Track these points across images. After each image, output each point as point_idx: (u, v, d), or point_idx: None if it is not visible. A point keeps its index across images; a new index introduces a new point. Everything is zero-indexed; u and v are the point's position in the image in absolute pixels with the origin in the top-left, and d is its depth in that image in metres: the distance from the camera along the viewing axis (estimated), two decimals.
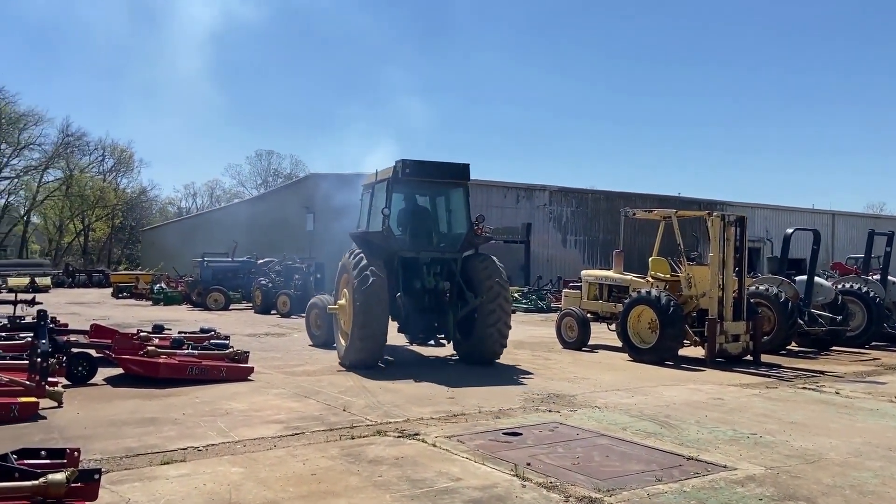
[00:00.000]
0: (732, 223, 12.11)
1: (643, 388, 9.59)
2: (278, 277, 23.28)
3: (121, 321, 18.91)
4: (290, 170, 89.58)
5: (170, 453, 6.08)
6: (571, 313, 14.07)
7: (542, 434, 6.89)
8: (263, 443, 6.50)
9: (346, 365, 10.98)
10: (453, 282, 11.62)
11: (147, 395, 8.64)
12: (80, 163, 75.20)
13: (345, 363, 11.08)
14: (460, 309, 11.59)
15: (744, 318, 12.13)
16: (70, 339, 10.14)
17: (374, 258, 10.92)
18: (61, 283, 40.94)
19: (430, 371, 10.93)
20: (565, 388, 9.53)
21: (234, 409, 7.90)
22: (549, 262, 39.83)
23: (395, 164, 11.52)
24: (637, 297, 12.30)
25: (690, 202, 41.55)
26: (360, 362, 10.77)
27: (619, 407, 8.28)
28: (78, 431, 6.83)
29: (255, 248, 36.08)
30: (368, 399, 8.58)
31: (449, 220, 12.32)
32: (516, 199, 39.38)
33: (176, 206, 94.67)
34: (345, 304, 11.50)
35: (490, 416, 7.74)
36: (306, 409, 7.95)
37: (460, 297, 11.65)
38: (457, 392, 9.12)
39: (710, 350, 11.64)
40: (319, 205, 42.15)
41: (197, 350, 10.21)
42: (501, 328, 11.30)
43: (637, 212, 14.07)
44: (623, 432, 7.01)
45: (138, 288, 30.04)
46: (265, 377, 10.11)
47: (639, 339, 12.34)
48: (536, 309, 24.94)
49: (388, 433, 6.88)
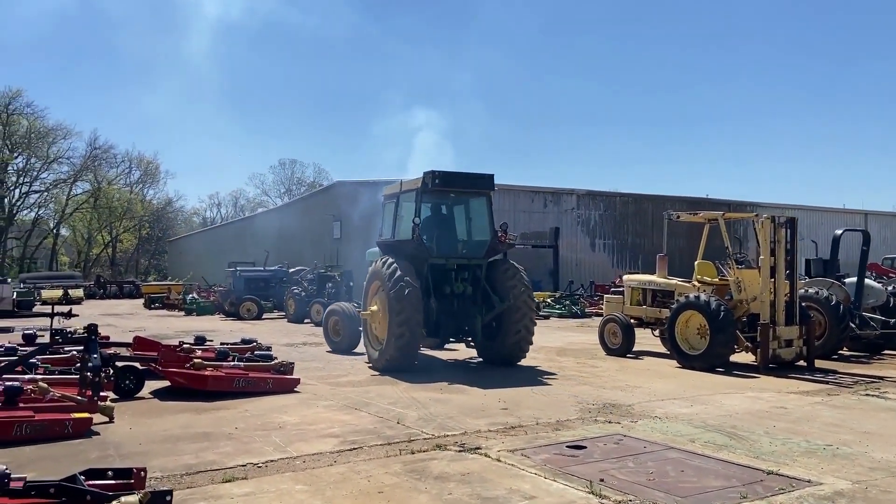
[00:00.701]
0: (783, 225, 11.78)
1: (700, 397, 9.30)
2: (311, 286, 23.21)
3: (157, 332, 18.93)
4: (314, 178, 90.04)
5: (230, 470, 5.93)
6: (615, 319, 13.78)
7: (608, 447, 6.65)
8: (323, 458, 6.34)
9: (380, 368, 11.52)
10: (478, 287, 12.19)
11: (197, 409, 8.53)
12: (107, 175, 76.07)
13: (378, 367, 11.62)
14: (487, 313, 12.15)
15: (796, 322, 11.78)
16: (114, 352, 10.07)
17: (407, 266, 11.41)
18: (93, 295, 41.29)
19: (470, 376, 10.98)
20: (619, 398, 9.28)
21: (286, 423, 7.76)
22: (577, 267, 39.45)
23: (424, 174, 12.03)
24: (685, 301, 11.99)
25: (720, 203, 40.88)
26: (397, 365, 11.30)
27: (681, 417, 8.01)
28: (133, 448, 6.72)
29: (282, 256, 36.12)
30: (420, 411, 8.40)
31: (473, 228, 12.86)
32: (544, 203, 39.08)
33: (200, 216, 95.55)
34: (376, 311, 11.88)
35: (549, 427, 7.52)
36: (360, 422, 7.78)
37: (486, 301, 12.20)
38: (510, 402, 8.91)
39: (763, 356, 11.30)
40: (346, 212, 42.29)
41: (242, 362, 10.10)
42: (527, 331, 11.97)
43: (681, 214, 13.72)
44: (692, 444, 6.75)
45: (170, 298, 30.13)
46: (311, 388, 9.98)
47: (687, 346, 12.03)
48: (570, 314, 24.60)
49: (448, 447, 6.68)
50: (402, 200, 12.54)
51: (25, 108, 65.20)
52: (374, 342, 12.06)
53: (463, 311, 12.23)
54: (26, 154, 66.94)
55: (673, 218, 13.61)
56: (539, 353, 14.10)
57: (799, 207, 45.25)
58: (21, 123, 65.50)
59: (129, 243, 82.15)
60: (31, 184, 69.26)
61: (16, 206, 69.21)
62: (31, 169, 68.64)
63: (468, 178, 12.40)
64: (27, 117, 65.50)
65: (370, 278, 12.22)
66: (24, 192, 69.43)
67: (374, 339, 12.12)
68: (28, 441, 6.80)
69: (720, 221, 12.66)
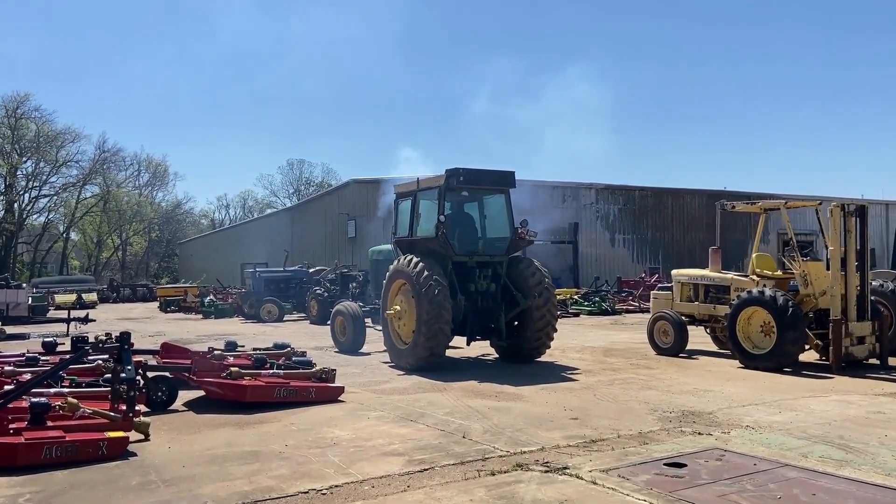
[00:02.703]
0: (853, 213, 10.97)
1: (783, 402, 8.52)
2: (333, 286, 22.47)
3: (178, 336, 18.25)
4: (322, 178, 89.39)
5: (292, 499, 5.20)
6: (665, 317, 12.99)
7: (711, 464, 5.89)
8: (393, 482, 5.59)
9: (407, 368, 11.42)
10: (499, 284, 12.19)
11: (237, 423, 7.80)
12: (116, 178, 75.55)
13: (405, 366, 11.52)
14: (510, 310, 12.12)
15: (868, 317, 10.98)
16: (143, 360, 9.35)
17: (434, 265, 11.27)
18: (106, 299, 40.65)
19: (508, 377, 10.40)
20: (695, 403, 8.51)
21: (340, 439, 7.02)
22: (597, 262, 38.65)
23: (447, 172, 11.90)
24: (749, 297, 11.18)
25: (738, 195, 39.93)
26: (426, 365, 11.20)
27: (775, 426, 7.24)
28: (177, 471, 5.99)
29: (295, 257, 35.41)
30: (483, 422, 7.65)
31: (494, 225, 12.77)
32: (562, 198, 38.24)
33: (209, 217, 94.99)
34: (401, 310, 11.78)
35: (634, 441, 6.75)
36: (421, 437, 7.04)
37: (508, 298, 12.18)
38: (577, 411, 8.15)
39: (836, 354, 10.51)
40: (360, 211, 41.59)
41: (281, 369, 9.36)
42: (550, 328, 11.99)
43: (737, 204, 12.89)
44: (805, 460, 5.98)
45: (187, 301, 29.45)
46: (355, 397, 9.25)
47: (750, 344, 11.24)
48: (600, 311, 23.80)
49: (530, 467, 5.93)
50: (421, 198, 12.51)
51: (33, 112, 64.73)
52: (398, 342, 11.96)
53: (486, 309, 12.21)
54: (35, 158, 66.38)
55: (727, 208, 12.80)
56: (585, 354, 13.36)
57: (817, 198, 44.19)
58: (29, 128, 64.92)
59: (139, 246, 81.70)
60: (40, 188, 68.77)
61: (25, 211, 68.76)
62: (41, 173, 68.12)
63: (490, 175, 12.39)
64: (35, 121, 64.97)
65: (392, 276, 12.05)
66: (34, 197, 68.98)
67: (397, 338, 12.02)
68: (59, 465, 6.08)
69: (783, 211, 11.84)
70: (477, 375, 10.92)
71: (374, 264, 14.83)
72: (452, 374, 11.11)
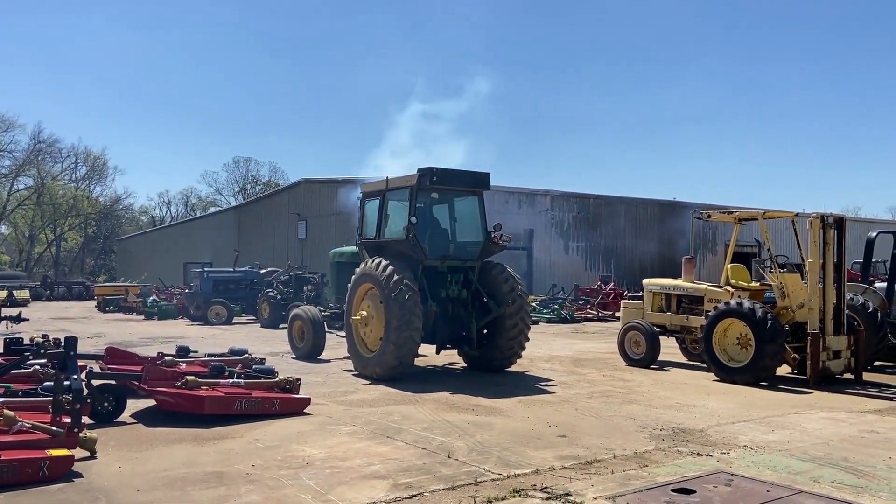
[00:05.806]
0: (832, 225, 10.84)
1: (772, 419, 8.21)
2: (287, 289, 21.60)
3: (119, 339, 17.20)
4: (269, 177, 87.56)
5: None
6: (637, 327, 12.68)
7: (721, 490, 5.47)
8: None
9: (374, 377, 10.78)
10: (471, 290, 11.70)
11: (195, 438, 7.08)
12: (51, 170, 72.54)
13: (371, 375, 10.87)
14: (481, 317, 11.65)
15: (844, 331, 10.85)
16: (86, 366, 8.49)
17: (404, 269, 10.70)
18: (39, 297, 38.62)
19: (482, 387, 9.74)
20: (682, 420, 8.14)
21: (313, 458, 6.38)
22: (551, 269, 38.50)
23: (421, 171, 11.32)
24: (726, 308, 10.93)
25: (689, 206, 40.49)
26: (394, 374, 10.61)
27: (773, 446, 6.89)
28: (131, 497, 5.27)
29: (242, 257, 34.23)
30: (466, 440, 7.10)
31: (466, 228, 12.22)
32: (518, 204, 38.02)
33: (149, 214, 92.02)
34: (367, 315, 11.21)
35: (632, 462, 6.30)
36: (402, 456, 6.45)
37: (480, 305, 11.70)
38: (563, 427, 7.68)
39: (813, 369, 10.32)
40: (312, 211, 40.60)
41: (241, 378, 8.63)
42: (523, 337, 11.52)
43: (713, 213, 12.68)
44: (818, 486, 5.62)
45: (127, 301, 28.05)
46: (322, 409, 8.60)
47: (726, 357, 10.98)
48: (559, 319, 23.55)
49: (528, 493, 5.41)
50: (390, 198, 11.88)
51: None
52: (363, 349, 11.32)
53: (457, 316, 11.69)
54: None
55: (702, 218, 12.56)
56: (555, 364, 12.95)
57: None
58: None
59: (74, 242, 78.55)
60: None
61: None
62: None
63: (465, 175, 11.89)
64: None
65: (358, 280, 11.39)
66: None
67: (362, 345, 11.38)
68: None
69: (761, 222, 11.65)
70: (448, 386, 10.39)
71: (335, 266, 13.95)
72: (422, 384, 10.55)
